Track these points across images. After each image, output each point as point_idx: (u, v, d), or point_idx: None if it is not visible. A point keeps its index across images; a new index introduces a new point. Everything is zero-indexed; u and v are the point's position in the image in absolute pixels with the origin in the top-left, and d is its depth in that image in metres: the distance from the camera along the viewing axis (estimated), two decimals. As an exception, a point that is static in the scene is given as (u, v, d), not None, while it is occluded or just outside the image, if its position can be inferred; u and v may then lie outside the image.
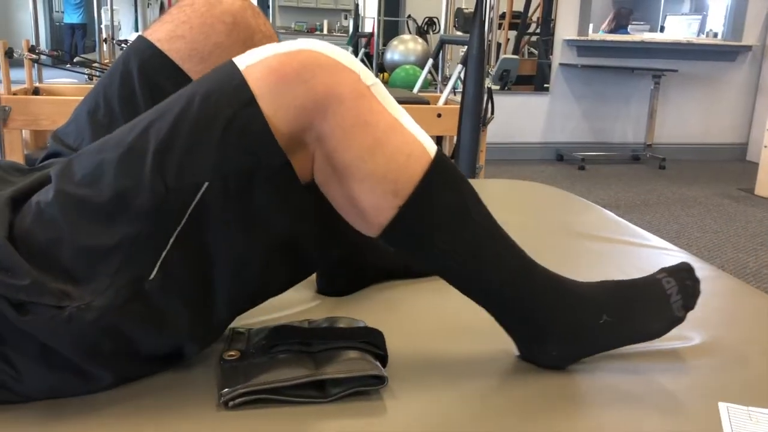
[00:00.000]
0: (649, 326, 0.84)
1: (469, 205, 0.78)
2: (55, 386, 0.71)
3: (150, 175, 0.67)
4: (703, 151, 5.78)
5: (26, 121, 2.47)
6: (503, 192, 1.85)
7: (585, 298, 0.82)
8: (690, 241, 3.27)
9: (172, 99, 0.72)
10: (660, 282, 0.85)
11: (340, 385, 0.73)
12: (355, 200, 0.74)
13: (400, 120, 0.75)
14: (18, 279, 0.65)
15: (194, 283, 0.71)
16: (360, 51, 5.57)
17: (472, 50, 2.62)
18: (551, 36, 5.34)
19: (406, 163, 0.74)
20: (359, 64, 0.74)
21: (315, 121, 0.70)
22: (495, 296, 0.81)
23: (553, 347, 0.82)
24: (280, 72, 0.69)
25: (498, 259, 0.79)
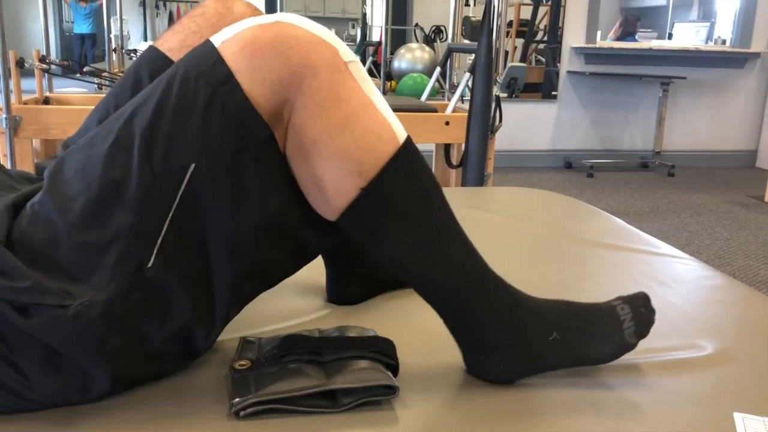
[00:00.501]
0: (598, 349, 0.82)
1: (433, 198, 0.76)
2: (65, 392, 0.71)
3: (138, 164, 0.67)
4: (713, 159, 5.76)
5: (37, 130, 2.49)
6: (512, 200, 1.84)
7: (537, 313, 0.81)
8: (700, 249, 3.25)
9: (154, 85, 0.72)
10: (615, 308, 0.83)
11: (351, 395, 0.73)
12: (318, 178, 0.72)
13: (373, 101, 0.73)
14: (18, 281, 0.65)
15: (193, 266, 0.70)
16: (368, 60, 5.58)
17: (480, 58, 2.63)
18: (558, 44, 5.34)
19: (374, 145, 0.72)
20: (339, 40, 0.73)
21: (290, 93, 0.69)
22: (446, 299, 0.79)
23: (500, 360, 0.80)
24: (256, 45, 0.68)
25: (454, 260, 0.77)
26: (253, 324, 0.92)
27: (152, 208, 0.67)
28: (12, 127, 2.43)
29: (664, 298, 1.11)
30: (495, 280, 0.80)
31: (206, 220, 0.69)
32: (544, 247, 1.39)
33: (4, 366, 0.68)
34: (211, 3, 0.94)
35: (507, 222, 1.57)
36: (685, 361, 0.89)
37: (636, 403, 0.79)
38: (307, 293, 1.06)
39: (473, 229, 1.51)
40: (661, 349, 0.92)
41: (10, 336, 0.67)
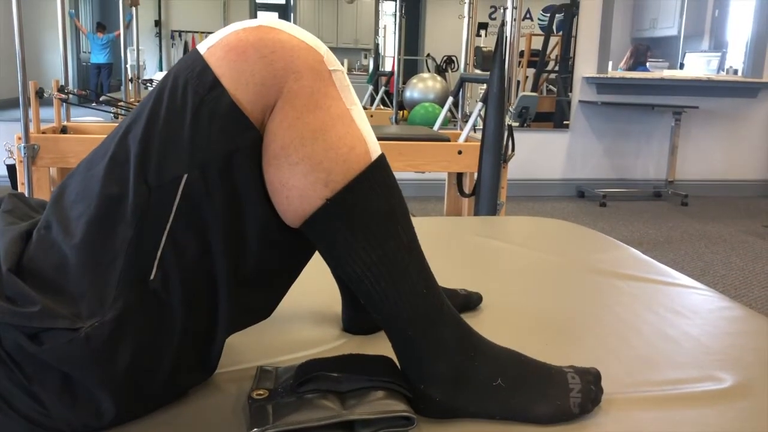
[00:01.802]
0: (539, 408, 0.79)
1: (397, 218, 0.75)
2: (82, 419, 0.70)
3: (134, 179, 0.67)
4: (726, 188, 5.74)
5: (54, 159, 2.52)
6: (526, 229, 1.84)
7: (485, 356, 0.79)
8: (716, 279, 3.22)
9: (146, 98, 0.72)
10: (566, 375, 0.81)
11: (369, 426, 0.72)
12: (284, 183, 0.70)
13: (352, 113, 0.73)
14: (27, 307, 0.65)
15: (195, 275, 0.70)
16: (380, 89, 5.63)
17: (492, 88, 2.65)
18: (570, 73, 5.37)
19: (345, 156, 0.71)
20: (325, 48, 0.72)
21: (271, 96, 0.69)
22: (396, 322, 0.77)
23: (439, 392, 0.77)
24: (239, 48, 0.68)
25: (410, 284, 0.76)
26: (270, 353, 0.92)
27: (150, 221, 0.68)
28: (30, 156, 2.47)
29: (681, 329, 1.10)
30: (450, 314, 0.78)
31: (204, 228, 0.69)
32: (560, 277, 1.39)
33: (22, 395, 0.68)
34: None
35: (521, 251, 1.56)
36: (703, 394, 0.88)
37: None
38: (323, 322, 1.06)
39: (487, 258, 1.51)
40: (679, 381, 0.91)
41: (25, 364, 0.68)
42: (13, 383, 0.68)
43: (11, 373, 0.68)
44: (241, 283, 0.73)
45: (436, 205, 4.82)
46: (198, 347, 0.75)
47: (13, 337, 0.67)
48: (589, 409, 0.81)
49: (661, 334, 1.08)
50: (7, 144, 2.61)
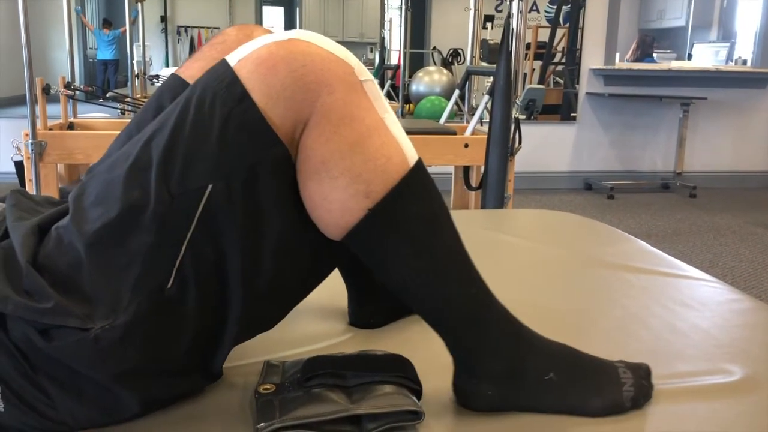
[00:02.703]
0: (593, 401, 0.79)
1: (440, 222, 0.75)
2: (88, 413, 0.71)
3: (155, 186, 0.67)
4: (735, 179, 5.70)
5: (61, 155, 2.52)
6: (534, 222, 1.83)
7: (537, 350, 0.79)
8: (725, 271, 3.21)
9: (172, 106, 0.72)
10: (617, 369, 0.82)
11: (376, 420, 0.72)
12: (325, 197, 0.71)
13: (386, 122, 0.73)
14: (42, 302, 0.65)
15: (210, 286, 0.70)
16: (386, 83, 5.62)
17: (499, 80, 2.63)
18: (577, 65, 5.34)
19: (384, 166, 0.71)
20: (354, 58, 0.72)
21: (304, 111, 0.69)
22: (447, 323, 0.78)
23: (491, 387, 0.78)
24: (269, 62, 0.68)
25: (458, 285, 0.76)
26: (276, 348, 0.92)
27: (170, 229, 0.68)
28: (37, 152, 2.47)
29: (691, 322, 1.09)
30: (499, 310, 0.79)
31: (223, 239, 0.69)
32: (568, 270, 1.38)
33: (27, 385, 0.69)
34: (231, 31, 0.96)
35: (529, 245, 1.56)
36: (714, 387, 0.88)
37: (663, 430, 0.78)
38: (330, 317, 1.06)
39: (494, 252, 1.51)
40: (689, 374, 0.90)
41: (32, 356, 0.68)
42: (19, 373, 0.68)
43: (17, 363, 0.68)
44: (253, 295, 0.73)
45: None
46: (204, 355, 0.75)
47: (22, 329, 0.67)
48: (641, 403, 0.81)
49: (670, 326, 1.07)
50: (14, 141, 2.61)
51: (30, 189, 2.50)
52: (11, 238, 0.73)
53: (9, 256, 0.71)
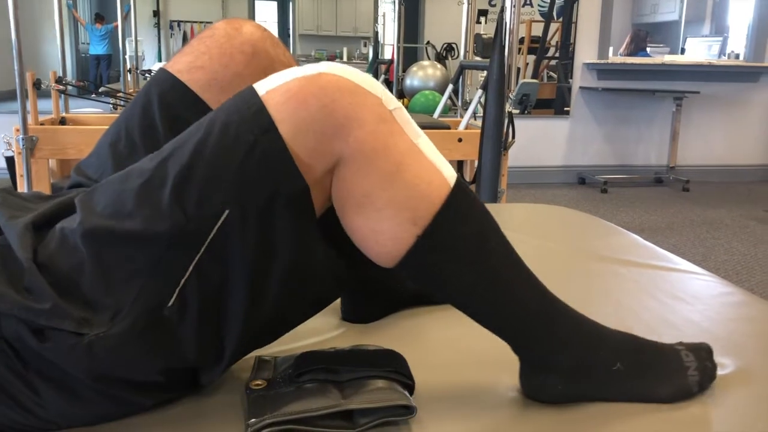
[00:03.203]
0: (660, 389, 0.81)
1: (489, 235, 0.76)
2: (78, 413, 0.71)
3: (169, 204, 0.67)
4: (727, 173, 5.72)
5: (53, 150, 2.51)
6: (527, 216, 1.83)
7: (602, 342, 0.80)
8: (717, 264, 3.22)
9: (193, 128, 0.72)
10: (679, 353, 0.83)
11: (368, 416, 0.72)
12: (372, 229, 0.72)
13: (420, 147, 0.74)
14: (40, 302, 0.65)
15: (211, 311, 0.70)
16: (380, 77, 5.61)
17: (493, 75, 2.63)
18: (570, 60, 5.34)
19: (426, 191, 0.72)
20: (381, 88, 0.73)
21: (336, 146, 0.69)
22: (510, 329, 0.79)
23: (559, 381, 0.79)
24: (300, 96, 0.69)
25: (516, 293, 0.77)
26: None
27: (179, 249, 0.67)
28: (29, 148, 2.46)
29: (683, 315, 1.09)
30: (559, 308, 0.80)
31: (231, 266, 0.69)
32: (562, 264, 1.38)
33: (18, 383, 0.68)
34: (220, 25, 0.95)
35: (523, 238, 1.56)
36: (706, 380, 0.88)
37: (657, 422, 0.78)
38: (322, 312, 1.06)
39: (488, 246, 1.50)
40: (682, 367, 0.90)
41: (25, 354, 0.67)
42: (10, 370, 0.68)
43: (9, 360, 0.68)
44: (254, 322, 0.73)
45: (436, 193, 4.80)
46: (193, 373, 0.75)
47: (14, 326, 0.66)
48: (707, 386, 0.83)
49: (662, 320, 1.07)
50: (5, 136, 2.60)
51: (21, 185, 2.49)
52: (6, 236, 0.73)
53: (6, 254, 0.70)
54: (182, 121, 0.89)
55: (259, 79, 0.93)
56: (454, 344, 0.97)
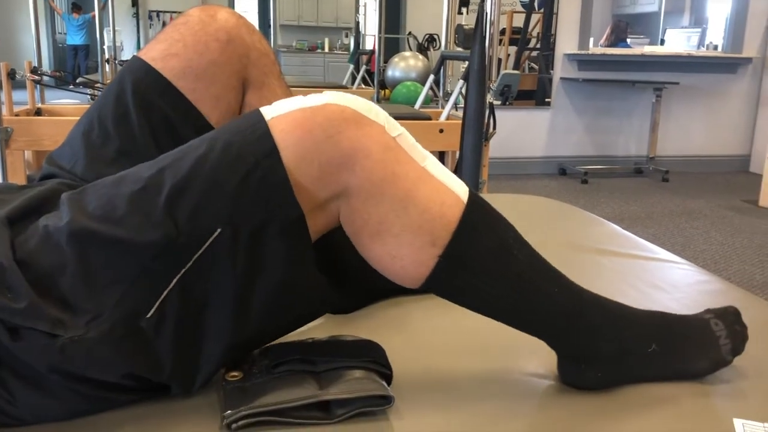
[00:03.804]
0: (695, 365, 0.83)
1: (509, 243, 0.77)
2: (48, 410, 0.69)
3: (161, 214, 0.66)
4: (706, 164, 5.77)
5: (28, 142, 2.47)
6: (508, 206, 1.83)
7: (636, 325, 0.82)
8: (696, 254, 3.25)
9: (195, 142, 0.72)
10: (708, 323, 0.84)
11: (345, 406, 0.71)
12: (392, 254, 0.73)
13: (428, 169, 0.74)
14: (17, 301, 0.64)
15: (189, 326, 0.69)
16: (361, 68, 5.58)
17: (474, 66, 2.62)
18: (551, 51, 5.35)
19: (440, 212, 0.73)
20: (384, 115, 0.73)
21: (342, 176, 0.70)
22: (543, 329, 0.81)
23: (599, 369, 0.80)
24: (306, 126, 0.69)
25: (544, 294, 0.78)
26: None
27: (166, 261, 0.67)
28: (3, 139, 2.42)
29: (662, 304, 1.10)
30: (590, 300, 0.81)
31: (216, 284, 0.69)
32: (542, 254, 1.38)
33: None
34: (194, 11, 0.93)
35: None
36: (683, 367, 0.88)
37: (634, 409, 0.78)
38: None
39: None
40: (659, 355, 0.91)
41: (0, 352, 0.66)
42: None
43: None
44: (232, 341, 0.72)
45: (418, 184, 4.80)
46: (168, 385, 0.73)
47: None
48: (740, 350, 0.84)
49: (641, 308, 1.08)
50: (-21, 127, 2.55)
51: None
52: None
53: None
54: (156, 109, 0.88)
55: (234, 66, 0.92)
56: (433, 334, 0.97)
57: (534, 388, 0.82)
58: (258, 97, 0.96)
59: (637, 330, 0.81)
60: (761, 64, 5.68)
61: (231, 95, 0.93)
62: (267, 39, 0.98)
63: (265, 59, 0.96)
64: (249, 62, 0.94)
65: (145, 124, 0.87)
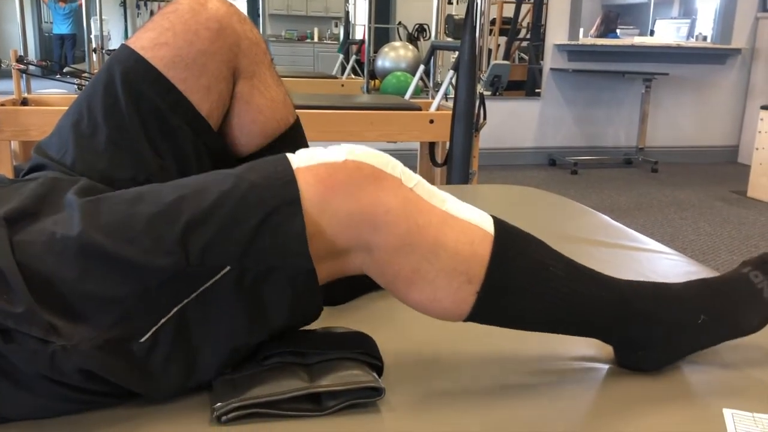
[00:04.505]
0: (744, 323, 0.85)
1: (544, 261, 0.78)
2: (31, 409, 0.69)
3: (174, 243, 0.66)
4: (695, 154, 5.80)
5: (15, 132, 2.44)
6: (498, 197, 1.83)
7: (681, 301, 0.83)
8: (684, 244, 3.26)
9: (220, 176, 0.72)
10: (747, 276, 0.85)
11: (336, 398, 0.71)
12: (432, 299, 0.75)
13: (450, 211, 0.75)
14: (13, 305, 0.63)
15: (181, 357, 0.69)
16: (351, 58, 5.56)
17: (464, 56, 2.62)
18: (541, 41, 5.35)
19: (471, 251, 0.74)
20: (399, 167, 0.74)
21: (363, 232, 0.70)
22: (595, 328, 0.83)
23: (655, 351, 0.83)
24: (328, 183, 0.70)
25: (587, 299, 0.80)
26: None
27: (170, 289, 0.67)
28: (-11, 129, 2.39)
29: (651, 294, 1.10)
30: (632, 289, 0.82)
31: (216, 320, 0.69)
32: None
33: None
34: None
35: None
36: (673, 358, 0.89)
37: (624, 399, 0.79)
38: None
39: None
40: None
41: None
42: None
43: None
44: (223, 368, 0.73)
45: (408, 175, 4.80)
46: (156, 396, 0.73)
47: None
48: None
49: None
50: (-36, 117, 2.52)
51: (-18, 167, 2.42)
52: None
53: None
54: (146, 99, 0.87)
55: (225, 55, 0.91)
56: (423, 326, 0.97)
57: (524, 379, 0.83)
58: (249, 86, 0.95)
59: (683, 306, 0.83)
60: (750, 55, 5.70)
61: (222, 85, 0.92)
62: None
63: (256, 48, 0.95)
64: (240, 52, 0.93)
65: (134, 115, 0.86)
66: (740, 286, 0.85)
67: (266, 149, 0.98)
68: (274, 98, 0.97)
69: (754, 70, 5.71)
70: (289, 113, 1.00)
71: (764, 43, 5.60)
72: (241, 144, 0.97)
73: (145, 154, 0.86)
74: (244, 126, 0.96)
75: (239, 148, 0.98)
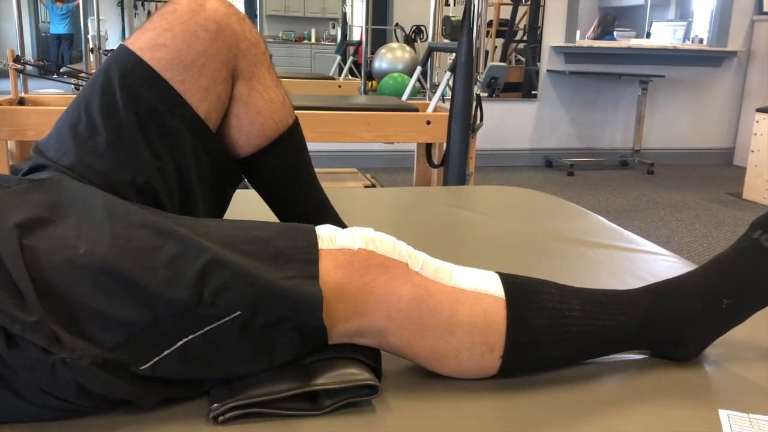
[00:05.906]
0: (764, 293, 0.86)
1: (560, 307, 0.79)
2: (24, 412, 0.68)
3: (191, 280, 0.67)
4: (691, 156, 5.82)
5: (11, 132, 2.44)
6: (494, 198, 1.84)
7: (701, 293, 0.84)
8: (680, 246, 3.27)
9: (256, 224, 0.75)
10: (759, 242, 0.85)
11: (332, 397, 0.71)
12: (459, 371, 0.78)
13: (458, 285, 0.76)
14: (24, 313, 0.63)
15: (179, 386, 0.71)
16: (348, 59, 5.56)
17: (461, 57, 2.62)
18: (538, 43, 5.36)
19: (486, 322, 0.75)
20: (406, 251, 0.76)
21: (377, 319, 0.72)
22: (624, 346, 0.86)
23: (688, 344, 0.85)
24: (345, 270, 0.71)
25: (612, 325, 0.82)
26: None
27: (178, 323, 0.67)
28: (-14, 129, 2.39)
29: (647, 295, 1.10)
30: (651, 296, 0.84)
31: (215, 358, 0.69)
32: (527, 245, 1.39)
33: None
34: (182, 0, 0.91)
35: (489, 220, 1.56)
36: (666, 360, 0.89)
37: (620, 400, 0.79)
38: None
39: (456, 228, 1.51)
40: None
41: None
42: None
43: None
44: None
45: (405, 176, 4.81)
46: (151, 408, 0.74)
47: None
48: None
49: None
50: (-39, 117, 2.51)
51: (-21, 167, 2.42)
52: None
53: None
54: (144, 101, 0.86)
55: (224, 57, 0.90)
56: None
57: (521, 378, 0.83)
58: (248, 88, 0.95)
59: (705, 297, 0.84)
60: (746, 57, 5.72)
61: (220, 87, 0.91)
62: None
63: (255, 49, 0.95)
64: (239, 53, 0.92)
65: (132, 116, 0.85)
66: (753, 255, 0.85)
67: (265, 150, 0.98)
68: (273, 99, 0.97)
69: (750, 73, 5.73)
70: (288, 114, 1.00)
71: (760, 46, 5.62)
72: (239, 145, 0.97)
73: (143, 156, 0.86)
74: (243, 127, 0.96)
75: (238, 149, 0.98)
